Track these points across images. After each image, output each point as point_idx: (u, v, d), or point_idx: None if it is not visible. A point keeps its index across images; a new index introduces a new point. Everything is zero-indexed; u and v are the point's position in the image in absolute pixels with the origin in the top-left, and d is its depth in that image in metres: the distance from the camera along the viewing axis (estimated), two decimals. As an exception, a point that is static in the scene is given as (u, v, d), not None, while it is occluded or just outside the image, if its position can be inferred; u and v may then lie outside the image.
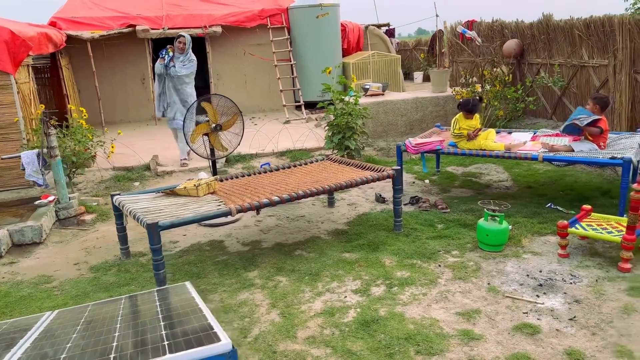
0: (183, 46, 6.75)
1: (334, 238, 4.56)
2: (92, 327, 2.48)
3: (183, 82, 6.86)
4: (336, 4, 11.64)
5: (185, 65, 6.81)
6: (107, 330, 2.34)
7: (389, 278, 3.71)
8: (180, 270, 4.05)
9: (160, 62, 6.83)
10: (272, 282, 3.75)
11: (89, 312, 2.83)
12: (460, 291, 3.50)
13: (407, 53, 20.35)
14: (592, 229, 3.90)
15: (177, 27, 10.78)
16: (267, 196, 3.98)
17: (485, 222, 4.13)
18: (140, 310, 2.65)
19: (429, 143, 5.36)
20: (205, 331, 2.02)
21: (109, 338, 2.18)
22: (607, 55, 7.07)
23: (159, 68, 6.85)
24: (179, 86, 6.87)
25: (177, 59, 6.79)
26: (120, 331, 2.29)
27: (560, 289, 3.45)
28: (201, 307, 2.46)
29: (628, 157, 4.37)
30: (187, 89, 6.94)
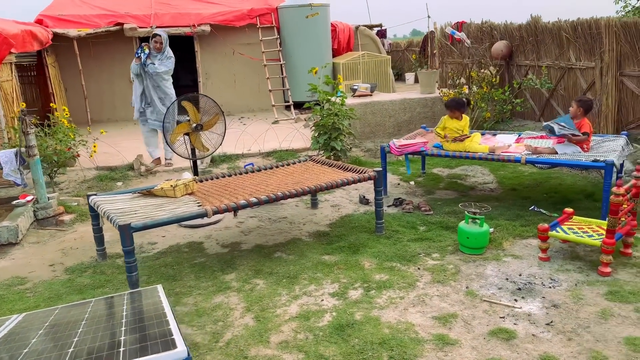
0: (160, 46, 6.54)
1: (315, 240, 4.50)
2: (54, 331, 2.41)
3: (162, 79, 6.70)
4: (326, 4, 11.59)
5: (164, 62, 6.64)
6: (68, 335, 2.27)
7: (367, 281, 3.66)
8: (157, 273, 3.99)
9: (136, 61, 6.60)
10: (249, 285, 3.69)
11: (55, 315, 2.76)
12: (438, 295, 3.45)
13: (399, 54, 20.37)
14: (573, 233, 3.87)
15: (165, 26, 10.69)
16: (246, 197, 3.92)
17: (466, 224, 4.09)
18: (105, 315, 2.59)
19: (413, 144, 5.32)
20: (164, 337, 1.96)
21: (67, 344, 2.12)
22: (594, 57, 7.07)
23: (136, 68, 6.64)
24: (159, 83, 6.71)
25: (154, 57, 6.61)
26: (80, 336, 2.22)
27: (538, 293, 3.42)
28: (166, 311, 2.40)
29: (610, 160, 4.35)
30: (166, 86, 6.78)
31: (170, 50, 6.70)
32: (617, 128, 6.94)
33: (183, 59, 14.34)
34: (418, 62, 15.56)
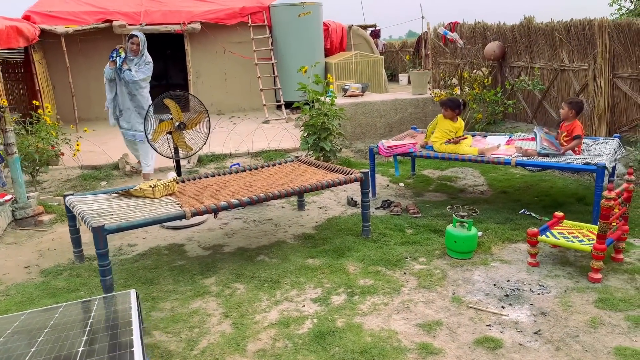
0: (137, 47, 5.86)
1: (299, 243, 4.38)
2: (14, 339, 2.28)
3: (139, 87, 5.99)
4: (318, 3, 11.48)
5: (141, 68, 5.95)
6: (27, 345, 2.15)
7: (351, 286, 3.54)
8: (134, 276, 3.85)
9: (110, 65, 5.94)
10: (229, 289, 3.57)
11: (20, 322, 2.63)
12: (424, 301, 3.34)
13: (393, 55, 20.29)
14: (563, 237, 3.77)
15: (155, 23, 10.56)
16: (227, 199, 3.80)
17: (454, 228, 3.98)
18: (70, 322, 2.46)
19: (402, 146, 5.21)
20: (124, 349, 1.84)
21: (24, 354, 1.99)
22: (587, 59, 6.98)
23: (109, 73, 5.96)
24: (134, 92, 6.00)
25: (130, 62, 5.93)
26: (39, 346, 2.10)
27: (527, 300, 3.31)
28: (133, 320, 2.28)
29: (602, 163, 4.25)
30: (143, 95, 6.08)
31: (148, 54, 6.04)
32: (610, 130, 6.86)
33: (175, 58, 14.21)
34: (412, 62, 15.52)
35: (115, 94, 6.12)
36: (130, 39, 5.86)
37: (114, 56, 5.96)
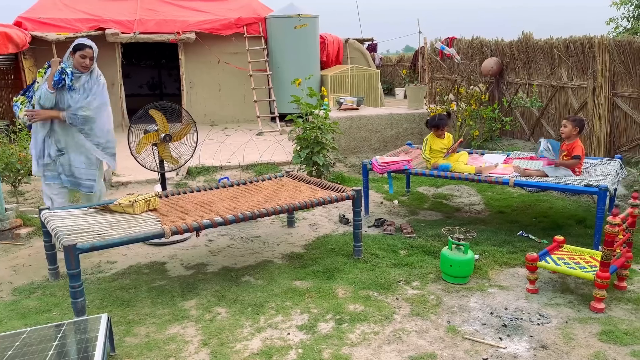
0: (90, 62, 4.27)
1: (287, 263, 4.17)
2: (-37, 374, 2.06)
3: (91, 122, 4.34)
4: (315, 16, 11.37)
5: (96, 92, 4.33)
6: (-25, 382, 1.93)
7: (340, 312, 3.33)
8: (110, 297, 3.63)
9: (50, 90, 4.14)
10: (210, 313, 3.35)
11: (-24, 350, 2.41)
12: (417, 330, 3.14)
13: (389, 69, 20.25)
14: (564, 263, 3.58)
15: (149, 32, 10.41)
16: (211, 216, 3.60)
17: (449, 251, 3.79)
18: (30, 352, 2.24)
19: (396, 162, 5.03)
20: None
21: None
22: (587, 77, 6.86)
23: (48, 100, 4.17)
24: (84, 127, 4.32)
25: (77, 80, 4.24)
26: (-12, 384, 1.88)
27: (526, 330, 3.11)
28: (97, 352, 2.06)
29: (604, 185, 4.08)
30: (96, 130, 4.38)
31: (98, 69, 4.49)
32: (610, 150, 6.71)
33: (169, 67, 14.03)
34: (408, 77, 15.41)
35: (50, 129, 4.34)
36: (81, 49, 4.21)
37: (63, 77, 4.18)
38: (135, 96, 14.34)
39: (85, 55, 4.25)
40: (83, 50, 4.24)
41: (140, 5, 11.50)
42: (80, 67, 4.27)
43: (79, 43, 4.27)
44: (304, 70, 10.98)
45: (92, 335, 2.38)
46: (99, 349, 2.11)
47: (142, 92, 14.72)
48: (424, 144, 5.19)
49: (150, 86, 14.98)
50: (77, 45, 4.26)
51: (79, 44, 4.26)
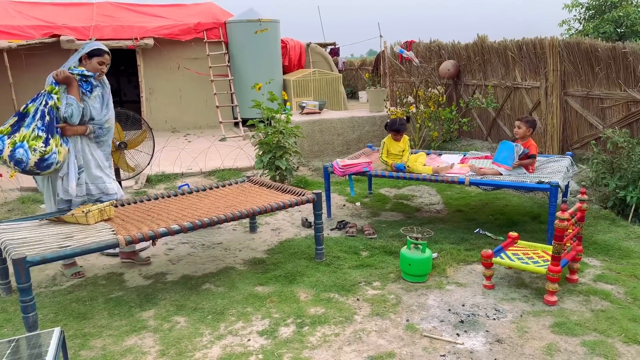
0: (106, 70, 3.98)
1: (249, 268, 4.15)
2: None
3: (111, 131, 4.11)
4: (276, 20, 11.39)
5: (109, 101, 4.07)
6: None
7: (301, 316, 3.33)
8: (66, 310, 3.53)
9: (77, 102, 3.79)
10: (169, 323, 3.30)
11: None
12: (376, 330, 3.17)
13: (352, 72, 20.44)
14: (518, 259, 3.68)
15: (105, 39, 10.20)
16: (168, 224, 3.55)
17: (408, 250, 3.85)
18: (-25, 372, 2.16)
19: (356, 165, 5.08)
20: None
21: None
22: (539, 77, 7.09)
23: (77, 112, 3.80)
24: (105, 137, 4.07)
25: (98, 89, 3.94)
26: None
27: (482, 326, 3.18)
28: (45, 368, 2.00)
29: (555, 182, 4.22)
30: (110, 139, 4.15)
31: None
32: (562, 148, 6.95)
33: (129, 74, 13.77)
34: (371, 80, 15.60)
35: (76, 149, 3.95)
36: (100, 56, 3.88)
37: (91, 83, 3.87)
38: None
39: (104, 62, 3.93)
40: (102, 57, 3.90)
41: (97, 12, 11.28)
42: (100, 73, 3.95)
43: (97, 49, 3.90)
44: (266, 75, 10.97)
45: (43, 350, 2.31)
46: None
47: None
48: (382, 147, 5.26)
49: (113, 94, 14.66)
50: (94, 51, 3.88)
51: (97, 50, 3.89)
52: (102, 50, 3.93)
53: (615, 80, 5.95)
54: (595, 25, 15.41)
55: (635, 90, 5.68)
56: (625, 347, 2.90)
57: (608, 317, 3.23)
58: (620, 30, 15.20)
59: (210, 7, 12.19)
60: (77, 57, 3.92)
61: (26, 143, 3.68)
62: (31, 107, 3.86)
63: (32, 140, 3.69)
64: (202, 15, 11.58)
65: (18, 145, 3.68)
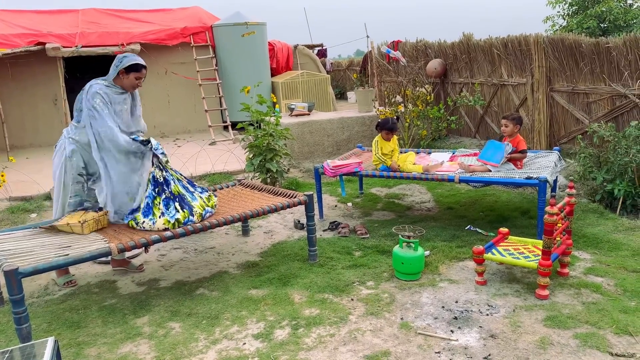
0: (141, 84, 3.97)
1: (242, 272, 4.15)
2: None
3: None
4: (262, 23, 11.39)
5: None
6: None
7: (296, 317, 3.34)
8: (59, 319, 3.51)
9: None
10: (163, 329, 3.30)
11: None
12: (371, 329, 3.19)
13: (340, 73, 20.48)
14: (509, 254, 3.72)
15: (91, 45, 10.15)
16: (158, 231, 3.55)
17: (400, 249, 3.87)
18: (-31, 385, 2.15)
19: (346, 165, 5.10)
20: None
21: None
22: (525, 74, 7.16)
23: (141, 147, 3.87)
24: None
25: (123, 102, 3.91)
26: None
27: (475, 322, 3.21)
28: (40, 379, 2.00)
29: (544, 177, 4.27)
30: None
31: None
32: (550, 143, 7.02)
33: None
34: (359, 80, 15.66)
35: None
36: (137, 71, 3.85)
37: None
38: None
39: (141, 77, 3.89)
40: (140, 72, 3.86)
41: (82, 18, 11.21)
42: (130, 87, 3.91)
43: (135, 64, 3.82)
44: (254, 78, 10.97)
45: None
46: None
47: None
48: (375, 146, 5.28)
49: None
50: (133, 66, 3.81)
51: (135, 65, 3.82)
52: (140, 65, 3.86)
53: (599, 75, 6.03)
54: (578, 20, 15.59)
55: (619, 84, 5.76)
56: (616, 338, 2.94)
57: (599, 309, 3.27)
58: (603, 25, 15.39)
59: (197, 11, 12.17)
60: (115, 71, 3.83)
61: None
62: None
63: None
64: (189, 19, 11.55)
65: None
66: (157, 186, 3.72)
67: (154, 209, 3.62)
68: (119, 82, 3.85)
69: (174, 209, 3.67)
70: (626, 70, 5.59)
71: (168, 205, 3.65)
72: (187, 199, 3.77)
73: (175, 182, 3.82)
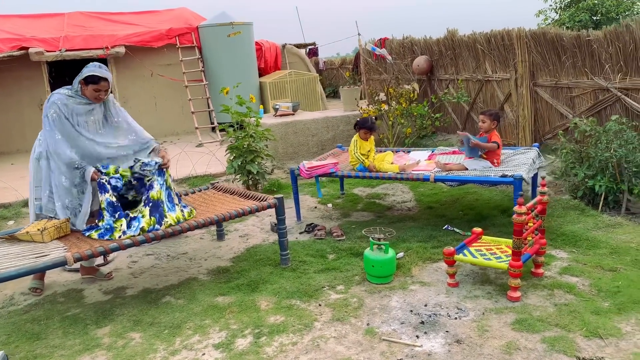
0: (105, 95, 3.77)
1: (212, 278, 4.07)
2: None
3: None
4: (249, 23, 11.29)
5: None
6: None
7: (260, 325, 3.25)
8: (20, 330, 3.43)
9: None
10: (123, 340, 3.21)
11: None
12: (335, 336, 3.10)
13: (333, 72, 20.38)
14: (481, 255, 3.62)
15: (75, 49, 10.06)
16: (118, 239, 3.46)
17: (371, 251, 3.78)
18: None
19: (322, 166, 5.01)
20: None
21: None
22: (509, 69, 7.05)
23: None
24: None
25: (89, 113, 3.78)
26: None
27: (443, 326, 3.12)
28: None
29: (519, 175, 4.17)
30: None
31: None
32: (536, 139, 6.92)
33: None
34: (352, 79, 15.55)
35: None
36: (95, 83, 3.67)
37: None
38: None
39: (100, 89, 3.71)
40: (98, 84, 3.67)
41: (68, 22, 11.13)
42: (93, 99, 3.73)
43: (92, 75, 3.63)
44: (241, 78, 10.85)
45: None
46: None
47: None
48: (354, 145, 5.18)
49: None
50: (89, 78, 3.64)
51: (92, 77, 3.64)
52: (96, 77, 3.66)
53: (581, 68, 5.92)
54: (571, 14, 15.45)
55: (601, 78, 5.66)
56: (585, 342, 2.85)
57: (571, 310, 3.18)
58: (595, 18, 15.25)
59: (183, 12, 12.08)
60: (77, 81, 3.70)
61: None
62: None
63: None
64: (175, 20, 11.46)
65: None
66: (116, 211, 3.62)
67: (114, 232, 3.52)
68: (83, 92, 3.74)
69: (141, 216, 3.59)
70: (607, 64, 5.49)
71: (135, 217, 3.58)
72: (162, 208, 3.68)
73: (161, 188, 3.75)
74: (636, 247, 4.00)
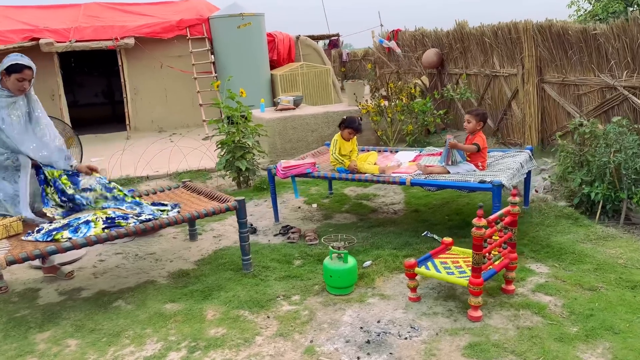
0: (28, 85, 3.62)
1: (169, 282, 3.93)
2: None
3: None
4: (260, 14, 11.10)
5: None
6: None
7: (198, 338, 3.09)
8: (-36, 332, 3.37)
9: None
10: (58, 347, 3.10)
11: None
12: (272, 354, 2.90)
13: (356, 64, 20.07)
14: (445, 268, 3.35)
15: (85, 40, 10.11)
16: (58, 242, 3.34)
17: (330, 260, 3.56)
18: None
19: (298, 166, 4.79)
20: None
21: None
22: (516, 64, 6.65)
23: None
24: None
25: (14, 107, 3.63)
26: None
27: (389, 347, 2.89)
28: None
29: (497, 181, 3.86)
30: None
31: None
32: (542, 139, 6.52)
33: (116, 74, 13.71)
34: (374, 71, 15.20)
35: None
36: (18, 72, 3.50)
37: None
38: (91, 105, 14.03)
39: (24, 78, 3.54)
40: (21, 73, 3.50)
41: (83, 12, 11.20)
42: (16, 91, 3.57)
43: (14, 64, 3.49)
44: (251, 71, 10.74)
45: None
46: None
47: (97, 101, 14.41)
48: (334, 145, 4.95)
49: (105, 94, 14.68)
50: (11, 67, 3.48)
51: (14, 65, 3.48)
52: (19, 65, 3.51)
53: (588, 64, 5.49)
54: (604, 4, 14.62)
55: (607, 75, 5.22)
56: (539, 373, 2.57)
57: (532, 335, 2.89)
58: (631, 8, 14.37)
59: (196, 3, 11.99)
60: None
61: None
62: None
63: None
64: (187, 12, 11.38)
65: None
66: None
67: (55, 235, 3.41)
68: (4, 84, 3.56)
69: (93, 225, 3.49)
70: (613, 59, 5.05)
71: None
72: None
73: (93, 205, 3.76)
74: (623, 264, 3.64)
